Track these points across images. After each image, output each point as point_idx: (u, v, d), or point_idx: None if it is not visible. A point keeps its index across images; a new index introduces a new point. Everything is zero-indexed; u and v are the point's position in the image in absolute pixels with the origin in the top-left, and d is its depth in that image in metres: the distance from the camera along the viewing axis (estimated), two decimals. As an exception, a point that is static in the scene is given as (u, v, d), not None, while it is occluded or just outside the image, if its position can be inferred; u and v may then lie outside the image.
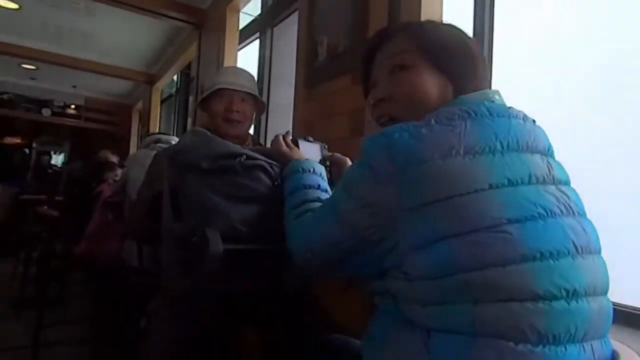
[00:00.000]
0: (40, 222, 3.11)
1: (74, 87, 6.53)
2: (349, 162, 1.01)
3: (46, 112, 6.61)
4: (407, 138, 0.53)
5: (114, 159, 3.86)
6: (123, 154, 5.87)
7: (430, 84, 0.64)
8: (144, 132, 5.55)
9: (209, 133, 0.88)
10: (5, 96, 6.35)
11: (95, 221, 2.23)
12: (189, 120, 4.48)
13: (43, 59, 4.93)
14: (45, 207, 3.35)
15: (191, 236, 0.81)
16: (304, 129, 1.83)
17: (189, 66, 4.48)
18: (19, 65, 5.38)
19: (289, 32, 2.81)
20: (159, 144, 2.16)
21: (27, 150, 6.89)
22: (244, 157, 0.89)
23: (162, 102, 5.66)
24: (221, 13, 3.01)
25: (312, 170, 0.83)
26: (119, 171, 2.67)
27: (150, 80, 5.45)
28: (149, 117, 5.39)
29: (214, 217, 0.84)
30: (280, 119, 2.51)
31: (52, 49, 4.77)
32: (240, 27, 3.02)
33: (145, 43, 4.59)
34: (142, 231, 1.21)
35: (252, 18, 2.96)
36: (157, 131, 5.43)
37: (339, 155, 1.04)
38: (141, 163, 2.08)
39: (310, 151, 0.99)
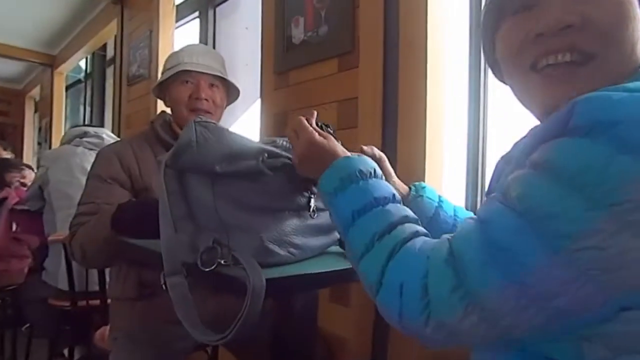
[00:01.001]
0: None
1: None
2: (386, 159, 0.77)
3: None
4: None
5: (7, 155, 3.24)
6: (17, 149, 5.00)
7: (634, 26, 0.45)
8: (46, 124, 4.77)
9: (219, 125, 0.66)
10: None
11: (0, 235, 1.78)
12: (107, 111, 3.92)
13: None
14: None
15: (207, 264, 0.59)
16: (275, 121, 1.62)
17: (104, 47, 3.90)
18: None
19: (233, 13, 2.54)
20: (85, 139, 1.79)
21: None
22: (265, 154, 0.68)
23: (67, 88, 4.91)
24: (151, -15, 2.62)
25: (373, 172, 0.54)
26: (28, 172, 2.18)
27: (52, 63, 4.68)
28: (51, 106, 4.62)
29: (236, 235, 0.63)
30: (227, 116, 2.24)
31: None
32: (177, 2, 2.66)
33: (46, 18, 3.89)
34: (106, 255, 0.93)
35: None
36: (63, 122, 4.71)
37: (375, 150, 0.76)
38: (65, 162, 1.72)
39: None
